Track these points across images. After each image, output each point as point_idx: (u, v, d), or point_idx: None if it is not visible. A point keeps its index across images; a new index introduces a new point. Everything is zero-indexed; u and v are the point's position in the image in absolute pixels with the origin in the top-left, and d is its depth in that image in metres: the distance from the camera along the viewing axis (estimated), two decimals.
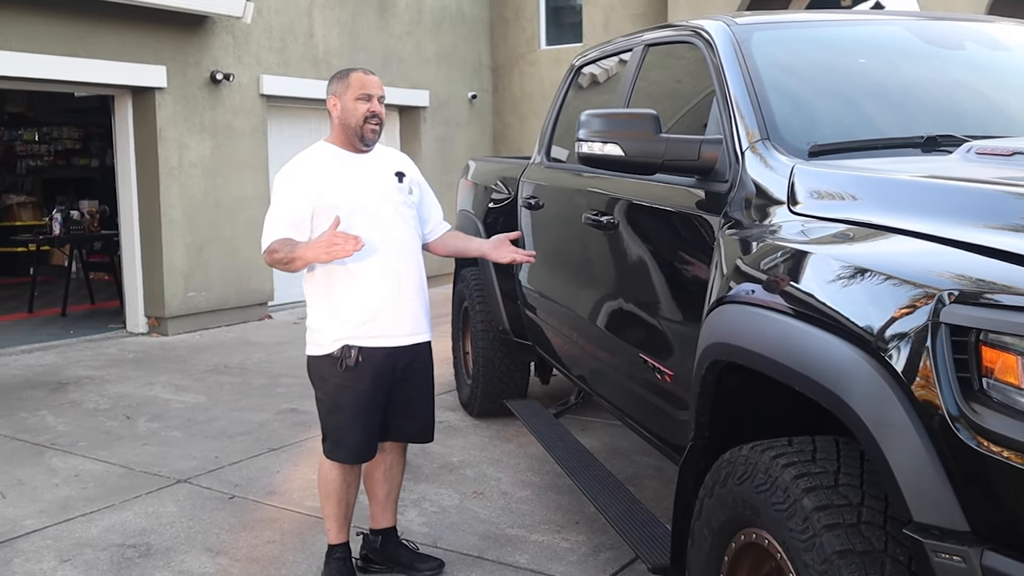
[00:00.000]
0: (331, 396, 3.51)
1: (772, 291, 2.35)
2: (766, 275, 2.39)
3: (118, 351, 8.38)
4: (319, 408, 3.59)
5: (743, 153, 2.88)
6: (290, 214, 3.43)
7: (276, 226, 3.43)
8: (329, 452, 3.56)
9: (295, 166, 3.55)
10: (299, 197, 3.44)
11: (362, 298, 3.45)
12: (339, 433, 3.52)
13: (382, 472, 3.74)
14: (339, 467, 3.57)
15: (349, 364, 3.43)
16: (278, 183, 3.52)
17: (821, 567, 1.95)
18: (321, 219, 3.40)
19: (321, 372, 3.52)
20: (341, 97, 3.51)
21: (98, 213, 11.14)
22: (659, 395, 3.30)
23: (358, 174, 3.52)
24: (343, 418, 3.49)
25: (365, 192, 3.50)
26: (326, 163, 3.53)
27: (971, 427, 1.71)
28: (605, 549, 3.96)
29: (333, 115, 3.55)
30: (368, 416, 3.51)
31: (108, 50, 8.40)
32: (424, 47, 12.05)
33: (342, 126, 3.53)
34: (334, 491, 3.59)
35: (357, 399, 3.47)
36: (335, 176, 3.48)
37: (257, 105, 9.81)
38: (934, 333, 1.78)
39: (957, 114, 3.21)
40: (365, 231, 3.38)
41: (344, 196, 3.44)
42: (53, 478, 4.95)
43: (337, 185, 3.46)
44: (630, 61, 4.10)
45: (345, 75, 3.55)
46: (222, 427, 5.88)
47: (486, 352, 5.62)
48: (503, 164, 6.20)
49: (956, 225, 2.01)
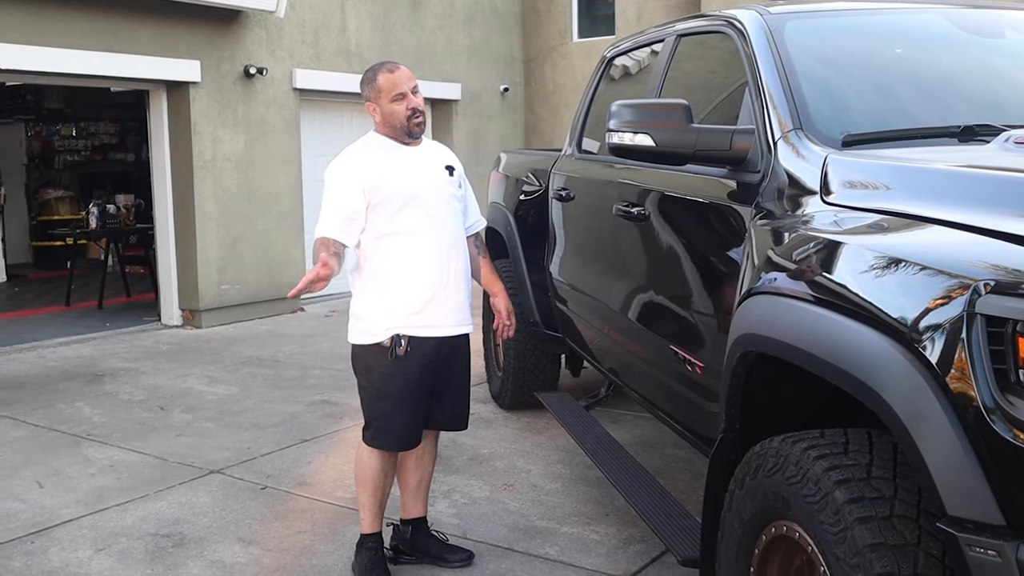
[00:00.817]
0: (376, 385, 3.52)
1: (804, 282, 2.32)
2: (798, 265, 2.37)
3: (153, 343, 8.46)
4: (362, 395, 3.61)
5: (775, 143, 2.85)
6: (347, 206, 3.41)
7: (332, 218, 3.41)
8: (372, 440, 3.57)
9: (350, 157, 3.54)
10: (355, 188, 3.42)
11: (414, 288, 3.47)
12: (384, 420, 3.53)
13: (414, 460, 3.75)
14: (378, 455, 3.59)
15: (399, 353, 3.45)
16: (333, 173, 3.50)
17: (853, 560, 1.92)
18: (377, 211, 3.43)
19: (367, 361, 3.53)
20: (378, 102, 3.52)
21: (133, 207, 11.25)
22: (689, 387, 3.28)
23: (411, 166, 3.53)
24: (388, 406, 3.51)
25: (420, 184, 3.51)
26: (380, 155, 3.52)
27: (1007, 419, 1.68)
28: (635, 542, 3.94)
29: (375, 119, 3.57)
30: (414, 404, 3.53)
31: (143, 45, 8.48)
32: (456, 40, 12.06)
33: (388, 127, 3.55)
34: (371, 479, 3.61)
35: (405, 387, 3.49)
36: (390, 168, 3.49)
37: (290, 99, 9.85)
38: (969, 324, 1.75)
39: (995, 103, 3.16)
40: (420, 222, 3.45)
41: (400, 187, 3.45)
42: (89, 468, 5.01)
43: (393, 177, 3.47)
44: (662, 52, 4.07)
45: (373, 79, 3.52)
46: (254, 418, 5.92)
47: (517, 345, 5.61)
48: (534, 156, 6.19)
49: (992, 215, 1.98)
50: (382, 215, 3.43)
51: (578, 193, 4.74)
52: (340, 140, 10.88)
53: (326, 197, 3.48)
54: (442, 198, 3.57)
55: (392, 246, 3.47)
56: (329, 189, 3.49)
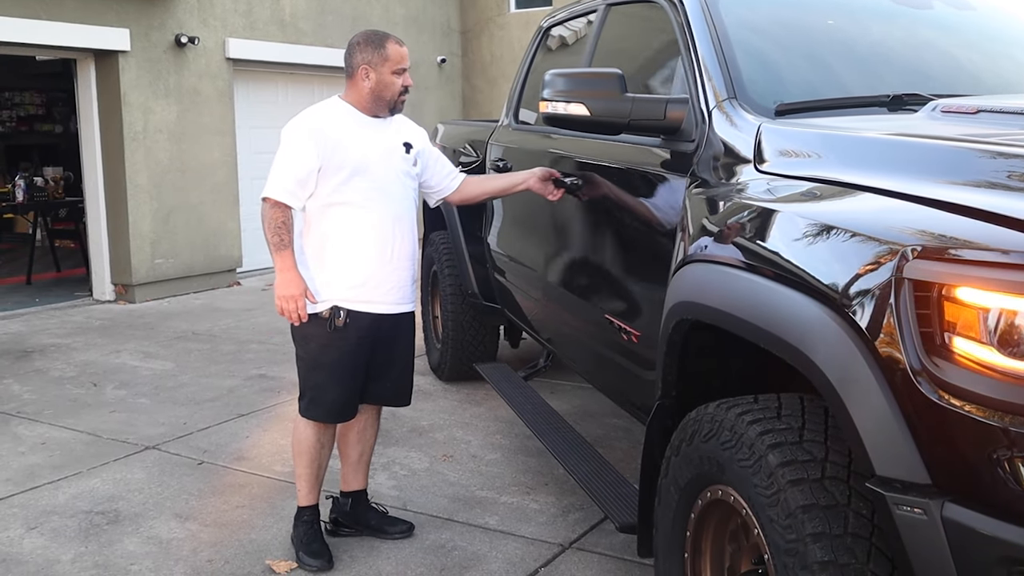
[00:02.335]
0: (313, 355, 3.50)
1: (738, 249, 2.35)
2: (732, 233, 2.39)
3: (84, 319, 8.29)
4: (299, 366, 3.58)
5: (710, 112, 2.87)
6: (300, 167, 3.35)
7: (284, 179, 3.36)
8: (306, 410, 3.56)
9: (309, 117, 3.45)
10: (311, 149, 3.36)
11: (355, 262, 3.44)
12: (318, 392, 3.52)
13: (355, 433, 3.74)
14: (314, 427, 3.57)
15: (337, 325, 3.43)
16: (290, 133, 3.42)
17: (786, 521, 1.96)
18: (327, 176, 3.38)
19: (306, 331, 3.50)
20: (377, 68, 3.44)
21: (62, 180, 10.99)
22: (626, 356, 3.31)
23: (370, 138, 3.47)
24: (323, 376, 3.49)
25: (372, 156, 3.45)
26: (340, 121, 3.46)
27: (933, 381, 1.72)
28: (574, 510, 3.98)
29: (362, 83, 3.46)
30: (348, 377, 3.51)
31: (69, 12, 8.24)
32: (393, 11, 11.92)
33: (373, 96, 3.47)
34: (307, 450, 3.59)
35: (340, 359, 3.47)
36: (347, 135, 3.43)
37: (223, 69, 9.67)
38: (897, 289, 1.79)
39: (924, 73, 3.22)
40: (368, 195, 3.41)
41: (351, 157, 3.40)
42: (19, 446, 4.90)
43: (348, 145, 3.41)
44: (594, 21, 4.07)
45: (381, 45, 3.45)
46: (190, 393, 5.84)
47: (455, 316, 5.60)
48: (472, 127, 6.16)
49: (920, 182, 2.01)
50: (331, 182, 3.39)
51: (515, 164, 4.73)
52: (275, 112, 10.65)
53: (280, 156, 3.41)
54: (394, 173, 3.52)
55: (338, 216, 3.43)
56: (284, 148, 3.42)
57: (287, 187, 3.36)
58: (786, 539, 1.96)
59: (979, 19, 3.58)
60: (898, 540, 1.78)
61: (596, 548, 3.66)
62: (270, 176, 3.40)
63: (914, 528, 1.74)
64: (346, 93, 3.54)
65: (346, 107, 3.51)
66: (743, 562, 2.35)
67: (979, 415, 1.65)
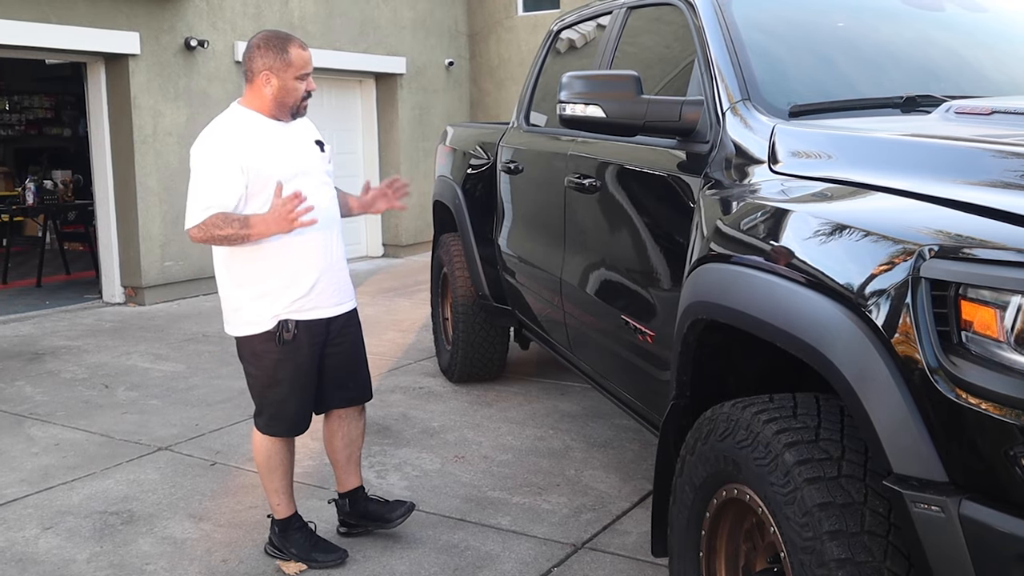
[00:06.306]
0: (268, 371, 3.44)
1: (752, 250, 2.36)
2: (746, 234, 2.41)
3: (95, 321, 8.32)
4: (251, 384, 3.52)
5: (724, 114, 2.88)
6: (226, 187, 3.22)
7: (210, 200, 3.22)
8: (267, 427, 3.50)
9: (222, 135, 3.30)
10: (233, 169, 3.23)
11: (299, 275, 3.37)
12: (278, 407, 3.47)
13: (341, 439, 3.71)
14: (279, 441, 3.53)
15: (287, 339, 3.37)
16: (203, 153, 3.28)
17: (802, 520, 1.97)
18: (256, 196, 3.27)
19: (255, 349, 3.43)
20: (280, 74, 3.31)
21: (72, 183, 11.02)
22: (641, 356, 3.32)
23: (287, 146, 3.38)
24: (283, 391, 3.44)
25: (297, 166, 3.36)
26: (255, 133, 3.32)
27: (950, 379, 1.73)
28: (586, 510, 3.99)
29: (263, 89, 3.33)
30: (307, 388, 3.49)
31: (80, 16, 8.28)
32: (401, 14, 11.94)
33: (276, 102, 3.35)
34: (278, 465, 3.54)
35: (296, 370, 3.43)
36: (267, 147, 3.31)
37: (232, 72, 9.69)
38: (914, 288, 1.80)
39: (937, 74, 3.23)
40: None
41: (278, 171, 3.27)
42: (32, 447, 4.93)
43: (270, 156, 3.29)
44: (610, 24, 4.08)
45: (284, 49, 3.32)
46: (202, 395, 5.86)
47: (466, 318, 5.62)
48: (482, 129, 6.19)
49: (935, 182, 2.03)
50: (260, 199, 3.26)
51: (526, 165, 4.75)
52: None
53: (198, 181, 3.26)
54: (319, 177, 3.45)
55: None
56: (201, 172, 3.27)
57: (218, 208, 3.21)
58: (803, 537, 1.97)
59: (991, 20, 3.59)
60: (915, 538, 1.79)
61: (609, 548, 3.67)
62: (192, 202, 3.26)
63: (931, 526, 1.75)
64: (246, 99, 3.41)
65: (253, 115, 3.37)
66: (758, 561, 2.36)
67: (996, 413, 1.66)
